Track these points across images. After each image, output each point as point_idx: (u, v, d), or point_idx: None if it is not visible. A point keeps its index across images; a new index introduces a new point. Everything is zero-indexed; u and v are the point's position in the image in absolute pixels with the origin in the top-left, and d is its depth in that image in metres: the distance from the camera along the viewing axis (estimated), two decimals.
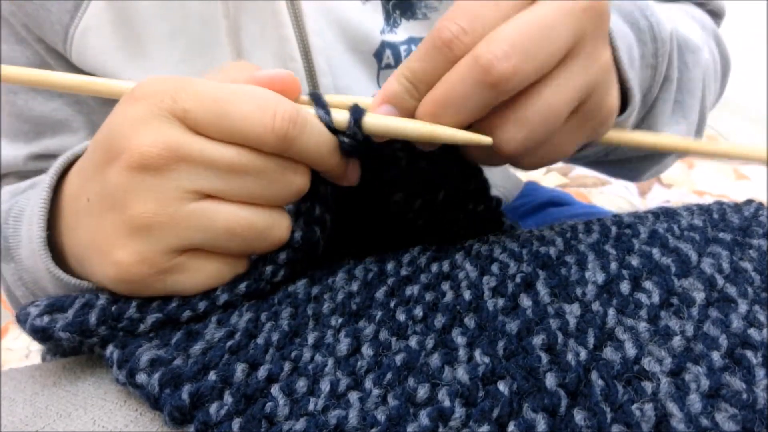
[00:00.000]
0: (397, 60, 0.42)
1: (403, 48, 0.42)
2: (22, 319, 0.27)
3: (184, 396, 0.23)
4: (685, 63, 0.40)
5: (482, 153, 0.30)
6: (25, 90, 0.45)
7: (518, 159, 0.29)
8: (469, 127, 0.28)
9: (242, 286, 0.28)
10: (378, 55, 0.42)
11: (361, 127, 0.27)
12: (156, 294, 0.28)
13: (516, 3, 0.26)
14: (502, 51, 0.25)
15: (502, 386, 0.23)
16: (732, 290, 0.26)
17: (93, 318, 0.26)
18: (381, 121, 0.28)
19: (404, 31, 0.43)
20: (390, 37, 0.42)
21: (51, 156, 0.46)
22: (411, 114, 0.28)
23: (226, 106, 0.26)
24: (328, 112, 0.28)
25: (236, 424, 0.23)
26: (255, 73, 0.28)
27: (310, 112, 0.28)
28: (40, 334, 0.27)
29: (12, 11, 0.41)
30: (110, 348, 0.26)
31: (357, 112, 0.27)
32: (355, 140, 0.28)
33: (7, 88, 0.45)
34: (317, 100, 0.28)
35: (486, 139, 0.27)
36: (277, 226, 0.28)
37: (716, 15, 0.50)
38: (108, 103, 0.30)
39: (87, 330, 0.26)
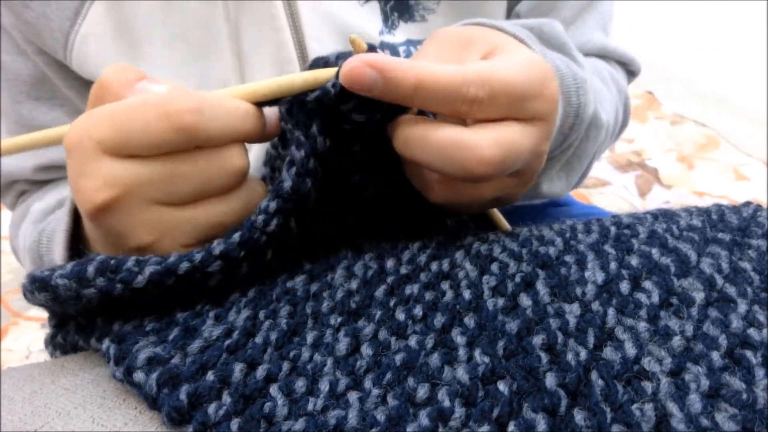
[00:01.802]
0: None
1: (401, 50, 0.42)
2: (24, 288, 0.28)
3: (182, 396, 0.23)
4: (587, 136, 0.42)
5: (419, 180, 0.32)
6: (29, 100, 0.45)
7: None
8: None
9: (236, 236, 0.28)
10: None
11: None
12: None
13: None
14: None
15: (501, 386, 0.23)
16: (731, 290, 0.26)
17: (91, 268, 0.26)
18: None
19: (402, 33, 0.43)
20: (388, 39, 0.42)
21: (55, 167, 0.47)
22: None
23: (125, 122, 0.27)
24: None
25: (235, 424, 0.23)
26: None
27: (203, 92, 0.28)
28: (38, 283, 0.27)
29: (13, 22, 0.41)
30: (107, 343, 0.26)
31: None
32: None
33: (12, 98, 0.45)
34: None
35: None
36: (250, 199, 0.30)
37: (632, 73, 0.55)
38: None
39: (84, 279, 0.26)
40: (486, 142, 0.27)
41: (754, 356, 0.23)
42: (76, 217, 0.36)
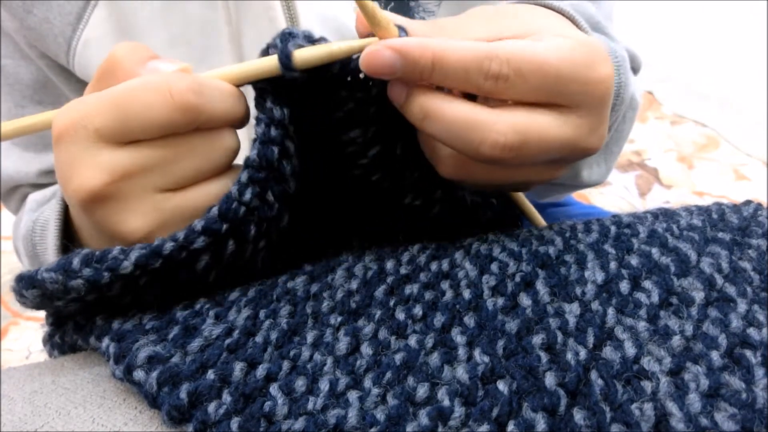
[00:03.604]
0: None
1: None
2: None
3: (183, 395, 0.23)
4: (625, 117, 0.41)
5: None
6: (33, 104, 0.46)
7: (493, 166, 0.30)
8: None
9: (214, 210, 0.28)
10: None
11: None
12: None
13: None
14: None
15: (501, 385, 0.23)
16: (731, 290, 0.26)
17: (76, 259, 0.26)
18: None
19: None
20: None
21: None
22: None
23: (126, 105, 0.26)
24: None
25: (235, 423, 0.23)
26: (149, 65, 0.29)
27: (203, 75, 0.29)
28: (25, 280, 0.27)
29: (16, 27, 0.41)
30: (106, 341, 0.26)
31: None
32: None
33: (15, 102, 0.45)
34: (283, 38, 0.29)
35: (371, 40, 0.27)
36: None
37: (634, 69, 0.54)
38: None
39: (70, 270, 0.26)
40: (502, 126, 0.26)
41: (754, 356, 0.23)
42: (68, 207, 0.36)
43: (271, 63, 0.28)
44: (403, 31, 0.28)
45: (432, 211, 0.34)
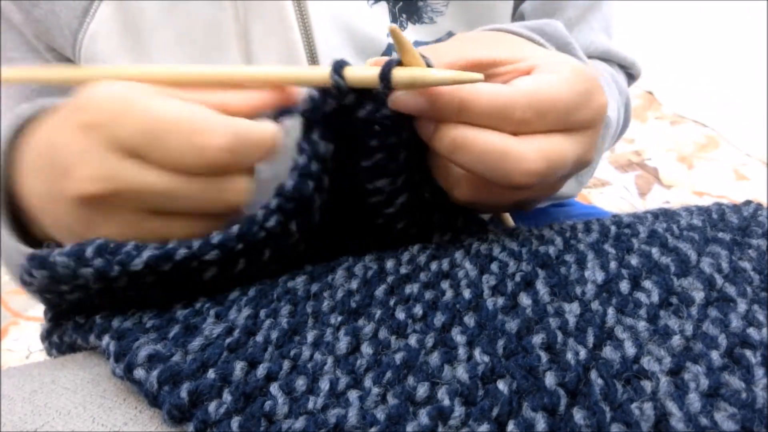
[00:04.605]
0: None
1: None
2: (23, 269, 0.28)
3: (183, 394, 0.23)
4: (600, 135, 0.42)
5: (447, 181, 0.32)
6: (41, 97, 0.45)
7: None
8: None
9: (235, 228, 0.28)
10: None
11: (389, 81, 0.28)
12: None
13: None
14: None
15: (501, 385, 0.23)
16: (731, 290, 0.26)
17: (90, 248, 0.27)
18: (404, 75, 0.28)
19: (411, 34, 0.43)
20: None
21: None
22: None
23: (158, 134, 0.26)
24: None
25: (235, 422, 0.23)
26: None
27: (235, 122, 0.27)
28: (37, 260, 0.27)
29: (22, 19, 0.41)
30: (107, 339, 0.26)
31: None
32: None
33: (25, 96, 0.45)
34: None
35: (478, 76, 0.27)
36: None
37: (632, 77, 0.55)
38: None
39: (83, 258, 0.26)
40: (532, 155, 0.28)
41: (754, 356, 0.23)
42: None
43: (322, 73, 0.28)
44: (426, 59, 0.28)
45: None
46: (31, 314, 1.14)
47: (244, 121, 0.28)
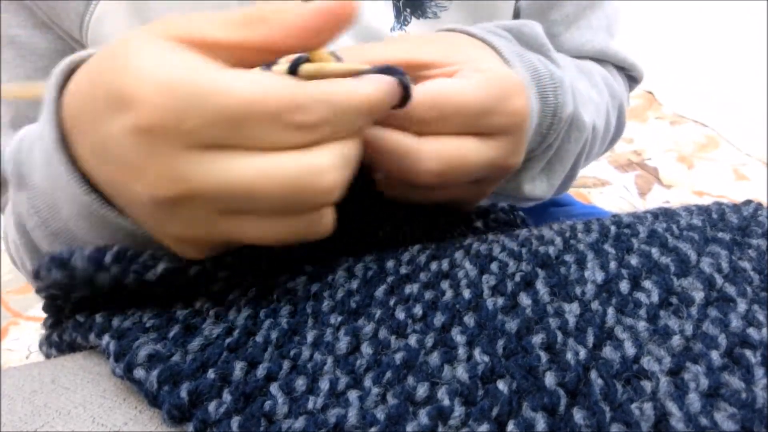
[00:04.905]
0: None
1: None
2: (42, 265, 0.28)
3: (183, 394, 0.23)
4: (569, 138, 0.42)
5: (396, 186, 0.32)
6: (46, 76, 0.45)
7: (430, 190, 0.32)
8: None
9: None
10: None
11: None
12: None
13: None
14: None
15: (501, 385, 0.23)
16: (731, 290, 0.26)
17: (109, 255, 0.27)
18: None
19: (414, 29, 0.43)
20: None
21: None
22: None
23: (235, 122, 0.22)
24: None
25: (235, 422, 0.23)
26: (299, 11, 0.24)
27: (327, 87, 0.24)
28: (57, 261, 0.27)
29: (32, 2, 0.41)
30: (107, 338, 0.26)
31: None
32: None
33: (27, 76, 0.45)
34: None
35: (366, 67, 0.26)
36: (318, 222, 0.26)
37: (634, 79, 0.55)
38: None
39: (102, 264, 0.27)
40: (427, 155, 0.29)
41: (754, 355, 0.23)
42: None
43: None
44: (337, 56, 0.27)
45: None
46: (31, 314, 1.14)
47: (337, 84, 0.24)
